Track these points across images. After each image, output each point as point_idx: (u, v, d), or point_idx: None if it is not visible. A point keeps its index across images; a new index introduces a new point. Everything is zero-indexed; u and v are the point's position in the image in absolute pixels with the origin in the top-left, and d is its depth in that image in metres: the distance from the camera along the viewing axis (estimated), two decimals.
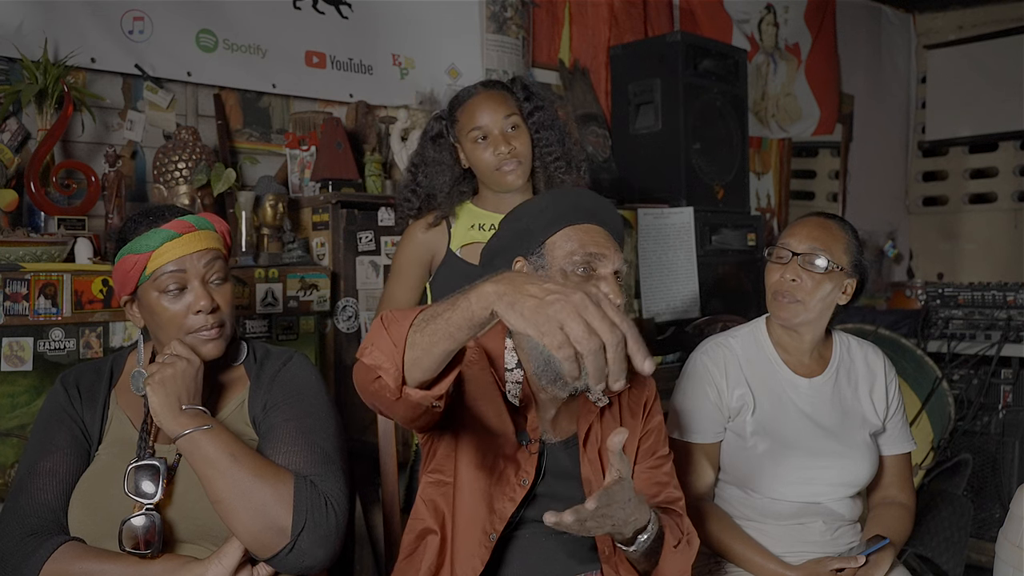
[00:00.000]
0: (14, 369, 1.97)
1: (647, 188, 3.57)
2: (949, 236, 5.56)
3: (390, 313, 1.23)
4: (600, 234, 1.50)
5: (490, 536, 1.45)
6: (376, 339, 1.21)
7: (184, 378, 1.40)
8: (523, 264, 1.52)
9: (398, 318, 1.21)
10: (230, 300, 1.52)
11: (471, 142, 2.01)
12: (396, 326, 1.19)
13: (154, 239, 1.44)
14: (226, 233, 1.56)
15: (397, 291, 2.11)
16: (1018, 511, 1.91)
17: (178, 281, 1.45)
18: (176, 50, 2.69)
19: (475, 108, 2.01)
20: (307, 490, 1.37)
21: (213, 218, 1.53)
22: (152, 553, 1.35)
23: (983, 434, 3.40)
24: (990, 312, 3.47)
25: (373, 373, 1.21)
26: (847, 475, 1.85)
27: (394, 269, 2.14)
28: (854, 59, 5.21)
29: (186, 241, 1.45)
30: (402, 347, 1.18)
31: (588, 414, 1.57)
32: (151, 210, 1.51)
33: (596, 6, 3.87)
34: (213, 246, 1.49)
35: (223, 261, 1.52)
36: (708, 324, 3.12)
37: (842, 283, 1.85)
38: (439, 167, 2.06)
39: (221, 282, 1.50)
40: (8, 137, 2.38)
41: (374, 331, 1.22)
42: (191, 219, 1.48)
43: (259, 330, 2.39)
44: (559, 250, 1.49)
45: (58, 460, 1.45)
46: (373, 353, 1.20)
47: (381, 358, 1.19)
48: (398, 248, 2.15)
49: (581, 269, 1.46)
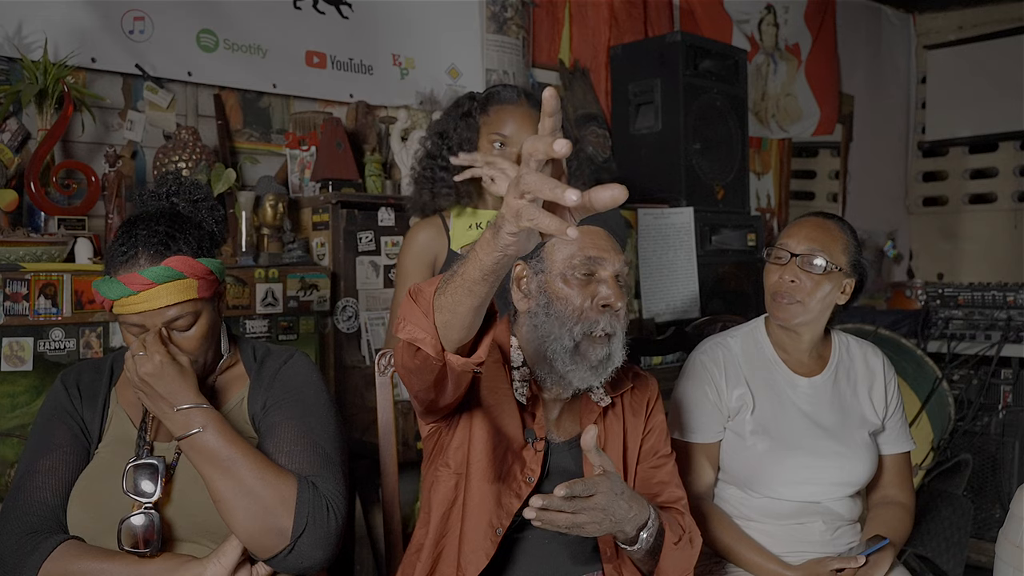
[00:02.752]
0: (14, 369, 1.97)
1: (647, 188, 3.57)
2: (949, 236, 5.56)
3: (415, 285, 1.23)
4: (600, 236, 1.49)
5: (496, 531, 1.45)
6: (408, 313, 1.21)
7: (164, 379, 1.35)
8: (523, 268, 1.52)
9: (423, 288, 1.21)
10: (200, 340, 1.44)
11: (488, 141, 2.05)
12: (422, 296, 1.20)
13: (113, 290, 1.39)
14: (202, 273, 1.43)
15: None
16: (1018, 511, 1.91)
17: (140, 330, 1.41)
18: (176, 50, 2.69)
19: (508, 116, 2.04)
20: (309, 492, 1.37)
21: (182, 264, 1.40)
22: (151, 552, 1.35)
23: (983, 434, 3.40)
24: (990, 312, 3.47)
25: (412, 348, 1.21)
26: (846, 475, 1.85)
27: (400, 274, 2.15)
28: (854, 59, 5.21)
29: (144, 299, 1.37)
30: (431, 314, 1.18)
31: (591, 414, 1.57)
32: (130, 232, 1.42)
33: (596, 6, 3.87)
34: (175, 300, 1.39)
35: (193, 310, 1.42)
36: (708, 324, 3.12)
37: (841, 283, 1.85)
38: (469, 146, 2.06)
39: (188, 328, 1.43)
40: (8, 137, 2.38)
41: (405, 307, 1.22)
42: (152, 273, 1.37)
43: (259, 330, 2.39)
44: (558, 254, 1.48)
45: (57, 458, 1.45)
46: (407, 327, 1.20)
47: (416, 330, 1.19)
48: (401, 254, 2.16)
49: (581, 273, 1.46)
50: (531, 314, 1.50)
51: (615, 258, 1.48)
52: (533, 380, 1.53)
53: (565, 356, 1.45)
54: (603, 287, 1.46)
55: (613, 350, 1.47)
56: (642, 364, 2.81)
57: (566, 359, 1.45)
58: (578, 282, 1.46)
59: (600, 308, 1.45)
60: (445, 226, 2.11)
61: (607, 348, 1.46)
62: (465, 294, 1.12)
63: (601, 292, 1.46)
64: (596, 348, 1.45)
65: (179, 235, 1.44)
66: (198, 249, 1.45)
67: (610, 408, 1.59)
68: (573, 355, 1.45)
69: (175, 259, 1.40)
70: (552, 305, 1.46)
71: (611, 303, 1.45)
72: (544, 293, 1.47)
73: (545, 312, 1.47)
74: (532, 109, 2.06)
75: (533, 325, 1.49)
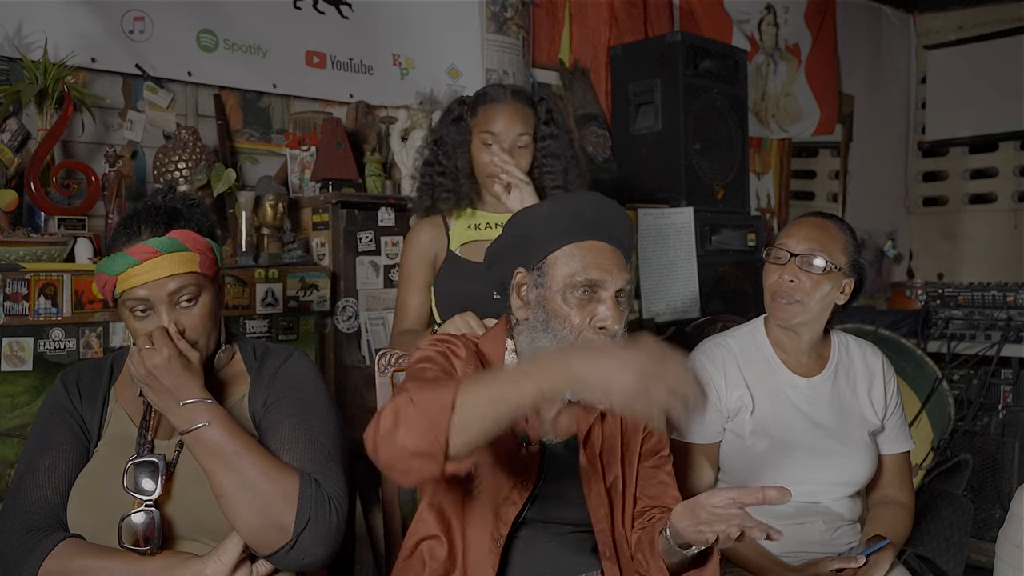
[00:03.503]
0: (14, 369, 1.97)
1: (647, 188, 3.58)
2: (949, 236, 5.56)
3: (416, 379, 1.26)
4: (604, 253, 1.46)
5: (498, 542, 1.45)
6: (412, 419, 1.19)
7: (171, 373, 1.37)
8: (524, 276, 1.51)
9: (432, 397, 1.20)
10: (204, 319, 1.46)
11: (479, 140, 2.07)
12: (431, 406, 1.19)
13: (118, 264, 1.40)
14: (204, 249, 1.46)
15: (410, 296, 2.14)
16: (1018, 511, 1.91)
17: (145, 305, 1.42)
18: (176, 50, 2.69)
19: (496, 113, 2.06)
20: (311, 488, 1.37)
21: (186, 236, 1.44)
22: (151, 550, 1.35)
23: (983, 434, 3.40)
24: (990, 312, 3.47)
25: (407, 456, 1.21)
26: (846, 474, 1.85)
27: (403, 274, 2.17)
28: (854, 59, 5.21)
29: (149, 268, 1.39)
30: (445, 439, 1.17)
31: (588, 415, 1.56)
32: (131, 217, 1.45)
33: (596, 6, 3.87)
34: (180, 270, 1.41)
35: (195, 283, 1.44)
36: (708, 324, 3.12)
37: (840, 283, 1.85)
38: (462, 150, 2.09)
39: (192, 303, 1.44)
40: (8, 137, 2.38)
41: (403, 406, 1.21)
42: (157, 243, 1.40)
43: (259, 330, 2.39)
44: (560, 270, 1.46)
45: (57, 457, 1.45)
46: (405, 434, 1.19)
47: (420, 443, 1.18)
48: (403, 254, 2.18)
49: (581, 291, 1.44)
50: (529, 326, 1.49)
51: (618, 276, 1.46)
52: None
53: None
54: (602, 307, 1.44)
55: None
56: None
57: None
58: (577, 301, 1.44)
59: (597, 329, 1.45)
60: (445, 225, 2.14)
61: None
62: (497, 425, 1.18)
63: (599, 313, 1.44)
64: None
65: (180, 217, 1.47)
66: (199, 230, 1.48)
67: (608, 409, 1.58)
68: None
69: (179, 232, 1.43)
70: (550, 323, 1.45)
71: (607, 326, 1.44)
72: (543, 308, 1.46)
73: (543, 328, 1.46)
74: (520, 104, 2.08)
75: (530, 337, 1.48)
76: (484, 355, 1.55)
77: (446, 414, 1.18)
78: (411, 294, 2.14)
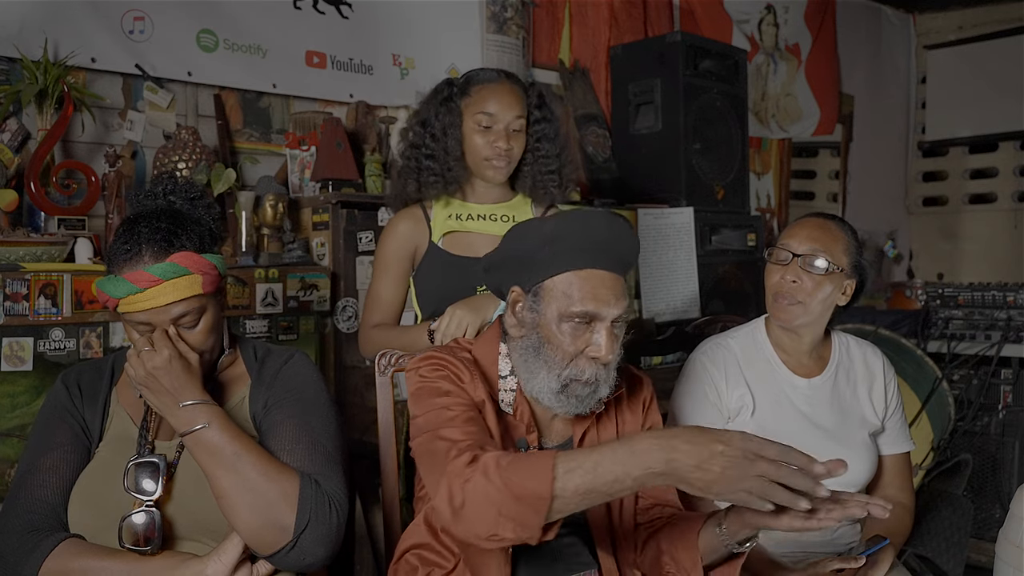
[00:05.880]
0: (14, 369, 1.97)
1: (647, 188, 3.58)
2: (949, 236, 5.56)
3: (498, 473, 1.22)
4: (603, 282, 1.42)
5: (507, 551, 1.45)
6: (504, 505, 1.20)
7: (171, 374, 1.37)
8: (519, 294, 1.47)
9: (518, 484, 1.20)
10: (207, 335, 1.45)
11: (473, 122, 1.98)
12: (529, 497, 1.19)
13: (120, 289, 1.38)
14: (206, 268, 1.43)
15: (384, 288, 2.05)
16: (1018, 511, 1.91)
17: (147, 328, 1.41)
18: (176, 50, 2.69)
19: (492, 94, 1.98)
20: (311, 489, 1.37)
21: (187, 259, 1.40)
22: (152, 550, 1.36)
23: (983, 434, 3.40)
24: (990, 312, 3.47)
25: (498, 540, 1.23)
26: (846, 475, 1.84)
27: (378, 265, 2.08)
28: (854, 59, 5.21)
29: (151, 296, 1.37)
30: (543, 513, 1.19)
31: (584, 417, 1.56)
32: (132, 229, 1.42)
33: (596, 6, 3.87)
34: (183, 296, 1.39)
35: (198, 304, 1.42)
36: (708, 324, 3.12)
37: (842, 284, 1.85)
38: (452, 131, 2.00)
39: (194, 324, 1.43)
40: (8, 137, 2.38)
41: (491, 499, 1.21)
42: (158, 270, 1.37)
43: (259, 330, 2.39)
44: (557, 299, 1.42)
45: (58, 457, 1.45)
46: (505, 523, 1.21)
47: (520, 531, 1.21)
48: (380, 244, 2.09)
49: (576, 321, 1.41)
50: (522, 345, 1.47)
51: (616, 306, 1.42)
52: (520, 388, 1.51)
53: (551, 395, 1.44)
54: (597, 337, 1.42)
55: (600, 387, 1.44)
56: (642, 364, 2.81)
57: (551, 397, 1.44)
58: (572, 329, 1.41)
59: (590, 359, 1.43)
60: (426, 216, 2.05)
61: (594, 387, 1.44)
62: (592, 505, 1.23)
63: (593, 343, 1.42)
64: (582, 388, 1.43)
65: (181, 232, 1.43)
66: (200, 245, 1.45)
67: (604, 411, 1.58)
68: (559, 394, 1.43)
69: (180, 255, 1.40)
70: (543, 348, 1.43)
71: (600, 357, 1.42)
72: (536, 333, 1.44)
73: (535, 352, 1.44)
74: (514, 86, 2.01)
75: (524, 358, 1.47)
76: (479, 363, 1.53)
77: (544, 504, 1.19)
78: (385, 286, 2.05)
